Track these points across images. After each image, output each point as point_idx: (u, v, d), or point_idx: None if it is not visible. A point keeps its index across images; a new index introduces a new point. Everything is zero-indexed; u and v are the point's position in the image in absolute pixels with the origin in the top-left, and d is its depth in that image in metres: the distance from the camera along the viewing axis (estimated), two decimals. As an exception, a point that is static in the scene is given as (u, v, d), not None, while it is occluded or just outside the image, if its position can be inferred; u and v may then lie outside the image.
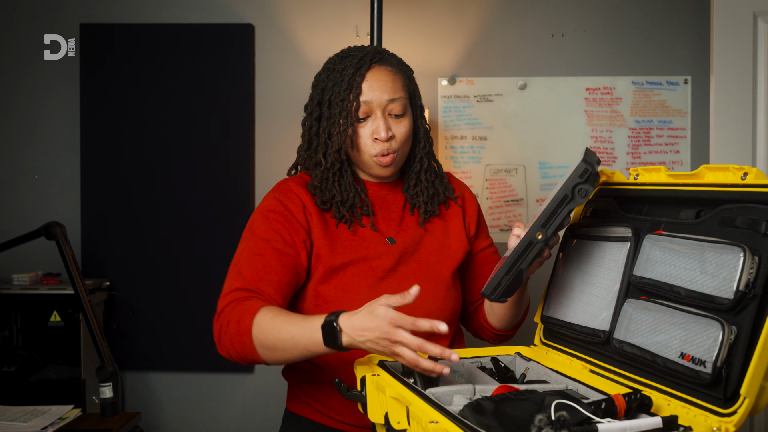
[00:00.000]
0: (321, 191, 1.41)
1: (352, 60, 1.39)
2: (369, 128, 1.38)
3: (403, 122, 1.40)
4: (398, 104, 1.39)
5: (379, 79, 1.38)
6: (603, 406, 0.92)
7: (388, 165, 1.40)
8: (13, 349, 2.53)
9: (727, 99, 2.49)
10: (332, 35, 2.81)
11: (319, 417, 1.42)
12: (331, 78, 1.40)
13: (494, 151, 2.83)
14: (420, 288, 1.12)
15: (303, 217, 1.39)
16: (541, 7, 2.81)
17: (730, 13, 2.47)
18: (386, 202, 1.47)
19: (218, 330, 1.30)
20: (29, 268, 2.68)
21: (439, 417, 0.95)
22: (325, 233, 1.39)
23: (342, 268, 1.38)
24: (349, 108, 1.37)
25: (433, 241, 1.46)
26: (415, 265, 1.43)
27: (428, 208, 1.47)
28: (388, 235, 1.43)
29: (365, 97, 1.37)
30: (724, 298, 0.95)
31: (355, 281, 1.38)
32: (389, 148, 1.38)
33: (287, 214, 1.38)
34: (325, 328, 1.13)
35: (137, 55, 2.78)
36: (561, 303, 1.33)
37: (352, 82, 1.37)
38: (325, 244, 1.38)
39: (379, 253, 1.40)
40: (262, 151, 2.82)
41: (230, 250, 1.83)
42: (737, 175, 1.03)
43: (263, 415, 2.82)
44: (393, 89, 1.39)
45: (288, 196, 1.41)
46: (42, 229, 2.08)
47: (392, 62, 1.43)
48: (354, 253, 1.39)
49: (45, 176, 2.85)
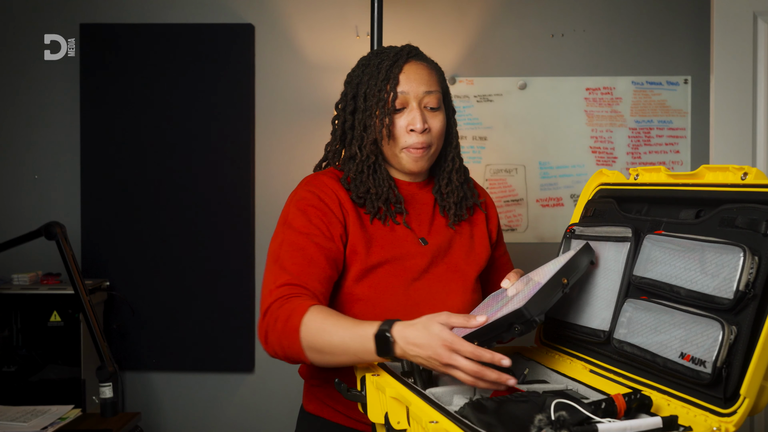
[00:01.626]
0: (355, 185, 1.40)
1: (389, 54, 1.41)
2: (405, 119, 1.38)
3: (438, 116, 1.41)
4: (434, 97, 1.40)
5: (416, 72, 1.40)
6: (603, 406, 0.92)
7: (420, 158, 1.40)
8: (13, 349, 2.53)
9: (727, 99, 2.49)
10: (332, 35, 2.81)
11: (337, 417, 1.42)
12: (366, 72, 1.41)
13: (494, 151, 2.83)
14: (450, 289, 1.16)
15: (339, 211, 1.38)
16: (541, 7, 2.81)
17: (730, 13, 2.47)
18: (417, 202, 1.46)
19: (264, 328, 1.25)
20: (29, 268, 2.68)
21: (439, 417, 0.95)
22: (361, 229, 1.38)
23: (377, 266, 1.37)
24: (386, 98, 1.37)
25: (462, 243, 1.47)
26: (445, 266, 1.43)
27: (458, 211, 1.47)
28: (420, 235, 1.43)
29: (402, 88, 1.38)
30: (724, 298, 0.95)
31: (389, 281, 1.37)
32: (423, 141, 1.39)
33: (324, 207, 1.37)
34: (378, 338, 1.11)
35: (137, 55, 2.78)
36: (561, 303, 1.32)
37: (389, 74, 1.38)
38: (361, 240, 1.37)
39: (413, 253, 1.40)
40: (262, 151, 2.82)
41: (230, 249, 1.86)
42: (737, 175, 1.03)
43: (263, 415, 2.82)
44: (429, 82, 1.40)
45: (323, 189, 1.40)
46: (42, 229, 2.08)
47: (428, 59, 1.45)
48: (389, 252, 1.38)
49: (45, 176, 2.85)
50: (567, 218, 2.73)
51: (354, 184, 1.41)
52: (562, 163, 2.82)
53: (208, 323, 2.77)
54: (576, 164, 2.82)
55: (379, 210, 1.41)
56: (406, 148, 1.39)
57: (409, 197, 1.46)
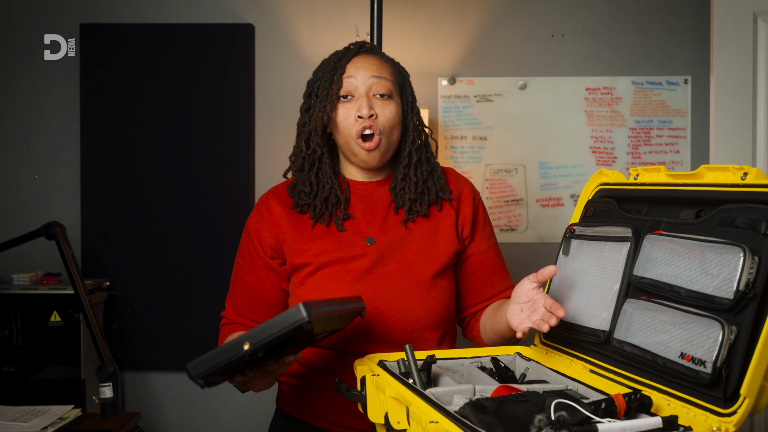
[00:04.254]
0: (295, 185, 1.41)
1: (342, 50, 1.41)
2: (353, 107, 1.36)
3: (388, 105, 1.37)
4: (383, 84, 1.37)
5: (365, 61, 1.39)
6: (603, 406, 0.92)
7: (373, 149, 1.36)
8: (13, 349, 2.53)
9: (727, 99, 2.49)
10: (332, 35, 2.81)
11: (305, 416, 1.42)
12: (320, 69, 1.42)
13: (494, 151, 2.83)
14: (400, 288, 1.18)
15: (273, 230, 1.41)
16: (541, 7, 2.81)
17: (730, 13, 2.47)
18: (371, 201, 1.43)
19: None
20: (29, 268, 2.68)
21: (439, 417, 0.95)
22: (299, 237, 1.39)
23: (318, 269, 1.37)
24: (332, 87, 1.37)
25: (417, 241, 1.41)
26: (395, 265, 1.39)
27: (414, 207, 1.42)
28: (369, 235, 1.40)
29: (348, 74, 1.37)
30: (724, 298, 0.95)
31: (330, 283, 1.36)
32: (371, 125, 1.35)
33: (258, 233, 1.43)
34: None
35: (137, 55, 2.78)
36: (561, 303, 1.32)
37: (337, 65, 1.38)
38: (298, 249, 1.38)
39: (355, 254, 1.37)
40: (262, 151, 2.82)
41: (230, 249, 1.86)
42: (737, 175, 1.03)
43: (263, 415, 2.82)
44: (379, 69, 1.38)
45: (261, 211, 1.44)
46: (42, 229, 2.07)
47: (382, 54, 1.43)
48: (331, 255, 1.37)
49: (45, 176, 2.85)
50: (567, 218, 2.73)
51: (298, 188, 1.40)
52: (562, 163, 2.82)
53: (208, 323, 2.76)
54: (576, 164, 2.82)
55: (322, 215, 1.39)
56: (356, 138, 1.36)
57: (363, 196, 1.43)
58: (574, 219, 1.39)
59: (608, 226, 1.26)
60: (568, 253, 1.35)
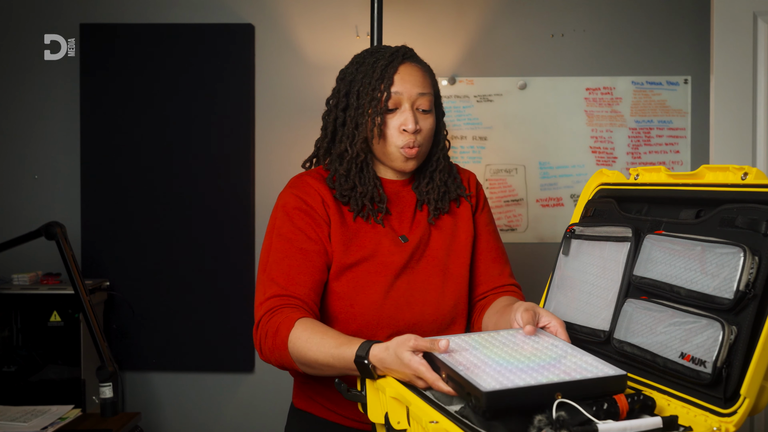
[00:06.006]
0: (340, 184, 1.43)
1: (384, 54, 1.43)
2: (397, 120, 1.40)
3: (429, 118, 1.43)
4: (426, 100, 1.42)
5: (411, 74, 1.42)
6: (604, 407, 0.92)
7: (413, 158, 1.42)
8: (13, 349, 2.53)
9: (727, 99, 2.49)
10: (332, 35, 2.81)
11: (325, 413, 1.44)
12: (360, 70, 1.43)
13: (494, 151, 2.83)
14: (429, 283, 1.21)
15: (323, 210, 1.41)
16: (541, 7, 2.81)
17: (730, 13, 2.47)
18: (400, 200, 1.49)
19: (258, 340, 1.33)
20: (29, 268, 2.68)
21: (439, 417, 0.95)
22: (341, 228, 1.41)
23: (356, 264, 1.40)
24: (380, 98, 1.39)
25: (442, 237, 1.48)
26: (425, 261, 1.45)
27: (438, 206, 1.49)
28: (401, 233, 1.45)
29: (396, 88, 1.40)
30: (724, 298, 0.95)
31: (368, 278, 1.40)
32: (415, 141, 1.41)
33: (308, 209, 1.41)
34: (358, 364, 1.17)
35: (137, 55, 2.78)
36: (561, 303, 1.32)
37: (384, 74, 1.40)
38: (342, 238, 1.40)
39: (392, 251, 1.42)
40: (262, 151, 2.82)
41: (230, 249, 1.86)
42: (737, 175, 1.03)
43: (263, 415, 2.82)
44: (423, 84, 1.42)
45: (306, 190, 1.43)
46: (42, 229, 2.08)
47: (422, 62, 1.48)
48: (369, 250, 1.41)
49: (45, 176, 2.85)
50: (567, 218, 2.73)
51: (339, 182, 1.43)
52: (562, 163, 2.82)
53: (208, 323, 2.77)
54: (576, 164, 2.82)
55: (363, 208, 1.43)
56: (400, 148, 1.41)
57: (393, 195, 1.48)
58: (574, 219, 1.40)
59: (608, 226, 1.26)
60: (568, 253, 1.35)
